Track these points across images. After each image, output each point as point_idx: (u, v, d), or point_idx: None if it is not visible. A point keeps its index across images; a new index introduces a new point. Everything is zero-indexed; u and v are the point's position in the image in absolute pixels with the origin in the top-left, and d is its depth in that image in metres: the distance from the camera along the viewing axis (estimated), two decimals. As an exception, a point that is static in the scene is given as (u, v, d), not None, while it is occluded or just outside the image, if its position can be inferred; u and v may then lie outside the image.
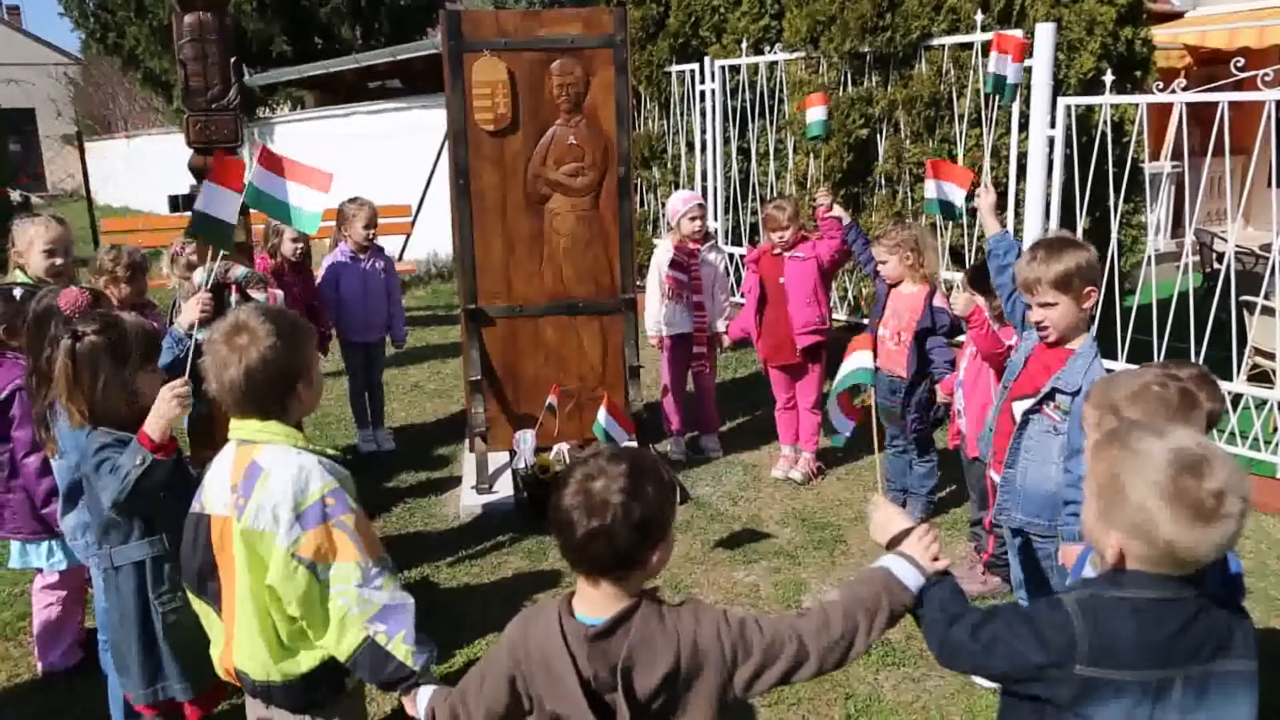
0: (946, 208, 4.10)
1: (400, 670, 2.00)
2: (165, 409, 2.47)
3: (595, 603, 1.69)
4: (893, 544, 1.86)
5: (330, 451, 2.14)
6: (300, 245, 5.49)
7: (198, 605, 2.21)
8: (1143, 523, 1.57)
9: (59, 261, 3.72)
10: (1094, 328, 3.01)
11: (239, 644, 2.10)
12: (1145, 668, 1.59)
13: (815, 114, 5.15)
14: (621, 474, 1.63)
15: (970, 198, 4.08)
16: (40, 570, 3.51)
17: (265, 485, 2.00)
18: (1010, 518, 3.19)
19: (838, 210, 4.92)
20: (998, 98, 4.81)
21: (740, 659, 1.70)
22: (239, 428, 2.09)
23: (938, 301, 4.43)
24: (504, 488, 4.99)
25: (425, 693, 1.99)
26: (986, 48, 5.87)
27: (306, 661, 2.09)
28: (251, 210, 3.34)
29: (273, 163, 3.15)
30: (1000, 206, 5.87)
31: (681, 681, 1.67)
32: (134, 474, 2.42)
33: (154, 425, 2.46)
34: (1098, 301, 2.93)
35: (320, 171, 3.16)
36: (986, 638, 1.70)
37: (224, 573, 2.10)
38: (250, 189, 3.14)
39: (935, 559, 1.81)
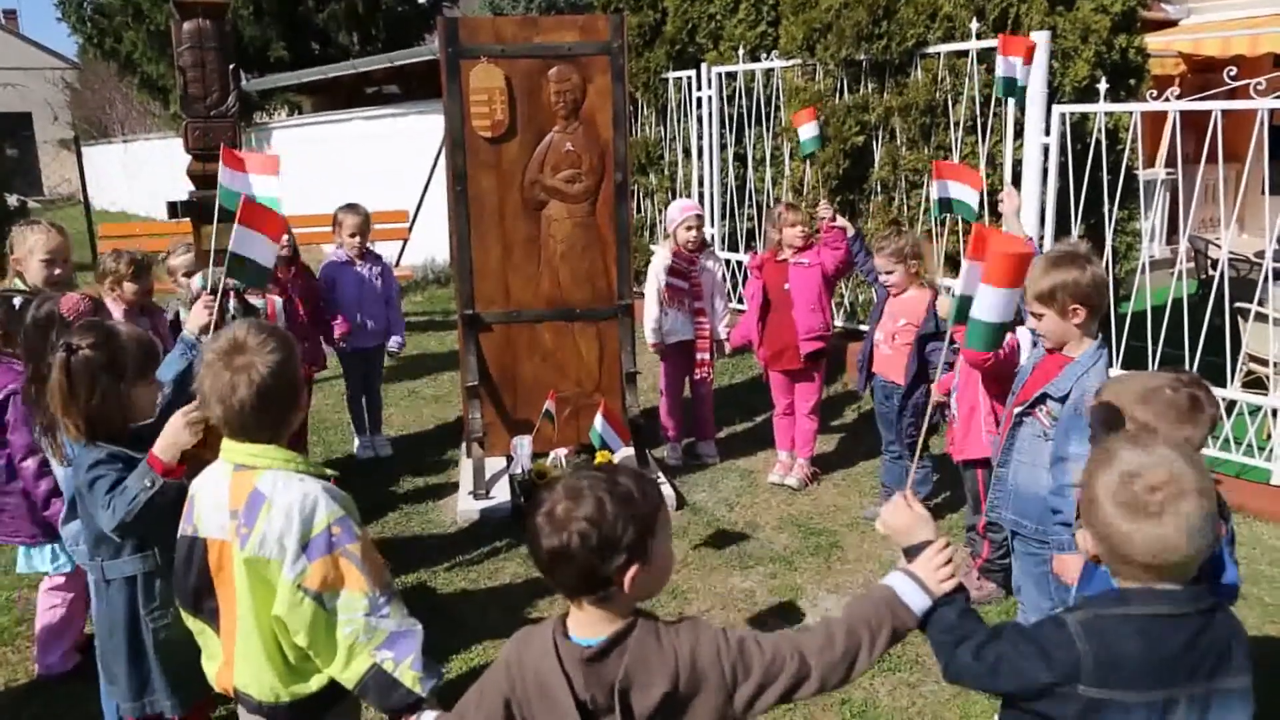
0: (959, 205, 3.99)
1: (407, 697, 1.98)
2: (176, 435, 2.44)
3: (587, 624, 1.67)
4: (910, 552, 1.83)
5: (328, 473, 2.11)
6: (284, 239, 5.47)
7: (193, 623, 2.19)
8: (1100, 520, 1.63)
9: (58, 271, 3.72)
10: (1100, 338, 3.01)
11: (241, 666, 2.08)
12: (1151, 688, 1.59)
13: (807, 130, 5.18)
14: (587, 493, 1.61)
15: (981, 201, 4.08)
16: (47, 573, 3.52)
17: (269, 514, 1.97)
18: (1001, 516, 3.22)
19: (841, 221, 4.94)
20: (1007, 100, 4.74)
21: (740, 678, 1.67)
22: (233, 450, 2.05)
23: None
24: (501, 493, 4.99)
25: (428, 717, 1.98)
26: (982, 55, 5.93)
27: (316, 683, 2.08)
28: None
29: (234, 161, 3.29)
30: (995, 215, 5.90)
31: (680, 702, 1.64)
32: (143, 496, 2.40)
33: (164, 449, 2.44)
34: (1090, 319, 2.93)
35: (267, 156, 3.38)
36: (991, 658, 1.70)
37: (222, 592, 2.08)
38: (221, 190, 3.27)
39: (947, 579, 1.77)
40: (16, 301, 3.35)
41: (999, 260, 2.18)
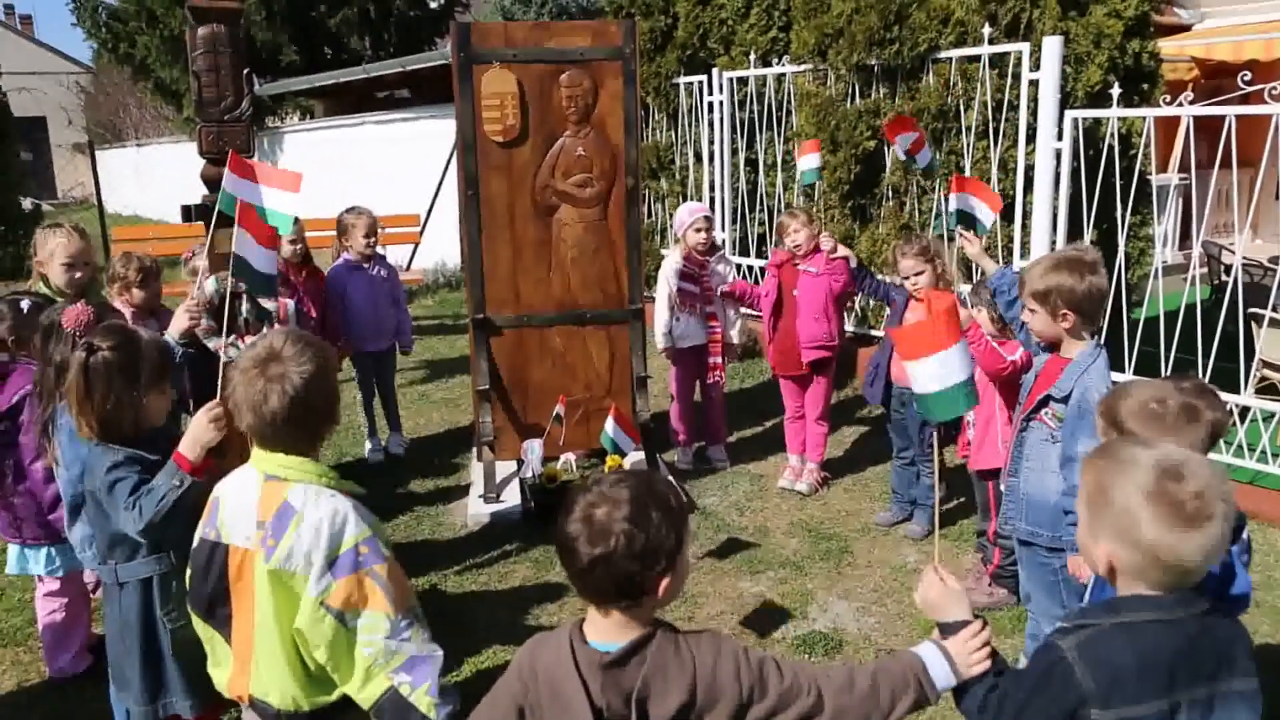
0: (968, 219, 4.04)
1: None
2: (201, 433, 2.44)
3: (608, 630, 1.65)
4: (945, 629, 1.80)
5: (357, 489, 2.10)
6: (299, 246, 5.49)
7: (202, 629, 2.19)
8: (1127, 526, 1.58)
9: (79, 275, 3.73)
10: (1098, 338, 3.01)
11: (260, 674, 2.07)
12: (1153, 697, 1.57)
13: (808, 161, 5.17)
14: (626, 500, 1.59)
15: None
16: (40, 577, 3.52)
17: (298, 530, 1.96)
18: (1015, 528, 3.21)
19: (843, 250, 4.93)
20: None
21: (756, 698, 1.66)
22: (265, 459, 2.04)
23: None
24: (511, 497, 5.00)
25: None
26: (994, 60, 5.92)
27: (338, 693, 2.07)
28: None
29: (244, 169, 3.18)
30: (1008, 219, 5.89)
31: (695, 714, 1.63)
32: (172, 496, 2.40)
33: (190, 447, 2.44)
34: (1081, 325, 2.93)
35: (289, 173, 3.22)
36: (1012, 710, 1.68)
37: (238, 601, 2.07)
38: (223, 194, 3.15)
39: (978, 662, 1.75)
40: (24, 305, 3.36)
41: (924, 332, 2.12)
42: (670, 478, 5.13)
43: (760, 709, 1.66)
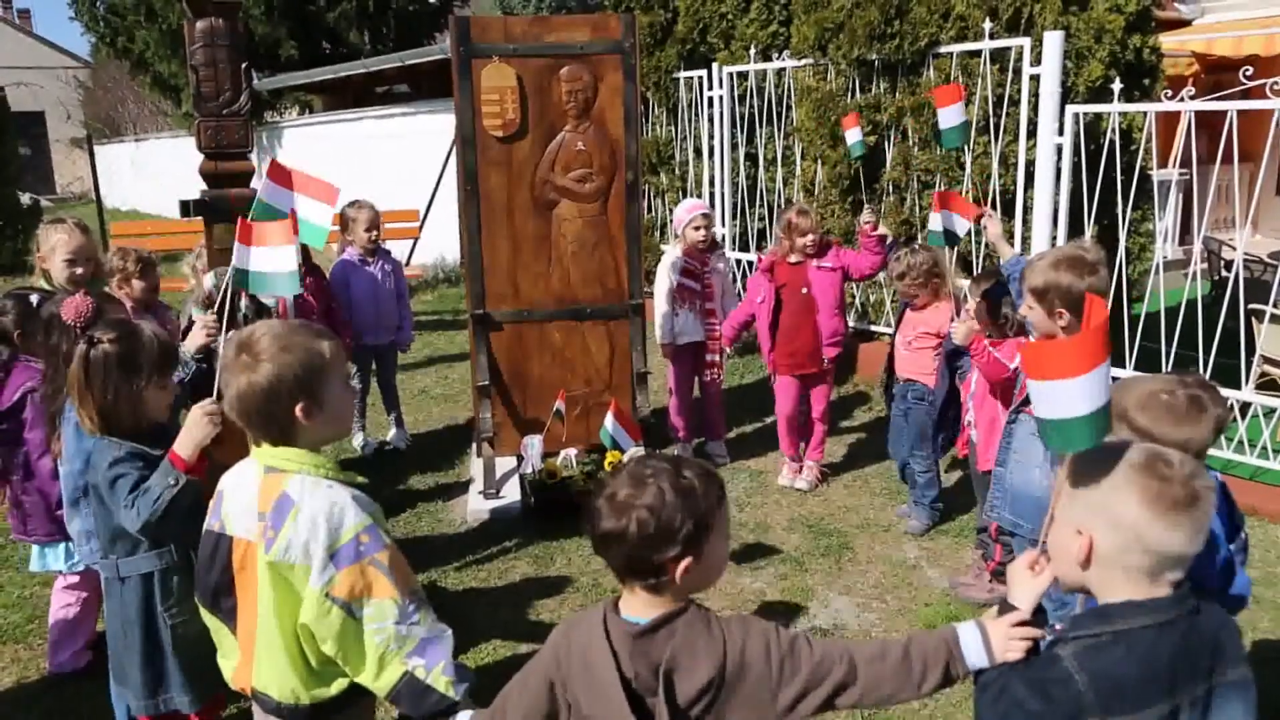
0: (950, 237, 4.17)
1: (441, 702, 1.96)
2: (196, 429, 2.43)
3: (638, 606, 1.70)
4: (1004, 608, 1.75)
5: (359, 479, 2.09)
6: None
7: (210, 620, 2.18)
8: (1113, 505, 1.56)
9: (79, 271, 3.71)
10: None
11: (262, 667, 2.07)
12: (1155, 703, 1.57)
13: (853, 135, 5.13)
14: (650, 481, 1.63)
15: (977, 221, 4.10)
16: (61, 572, 3.52)
17: (296, 521, 1.95)
18: (1000, 516, 3.22)
19: (882, 229, 4.94)
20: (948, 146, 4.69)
21: (787, 676, 1.68)
22: (264, 451, 2.04)
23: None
24: (511, 493, 4.99)
25: (464, 716, 1.96)
26: (995, 55, 5.90)
27: (337, 687, 2.07)
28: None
29: (281, 176, 3.01)
30: (1008, 214, 5.88)
31: (724, 690, 1.65)
32: (167, 495, 2.39)
33: (185, 445, 2.43)
34: (1078, 324, 2.92)
35: (327, 184, 3.05)
36: (1003, 710, 1.67)
37: (242, 592, 2.07)
38: (258, 203, 3.00)
39: (1015, 650, 1.70)
40: (34, 299, 3.36)
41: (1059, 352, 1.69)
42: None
43: (792, 688, 1.68)
